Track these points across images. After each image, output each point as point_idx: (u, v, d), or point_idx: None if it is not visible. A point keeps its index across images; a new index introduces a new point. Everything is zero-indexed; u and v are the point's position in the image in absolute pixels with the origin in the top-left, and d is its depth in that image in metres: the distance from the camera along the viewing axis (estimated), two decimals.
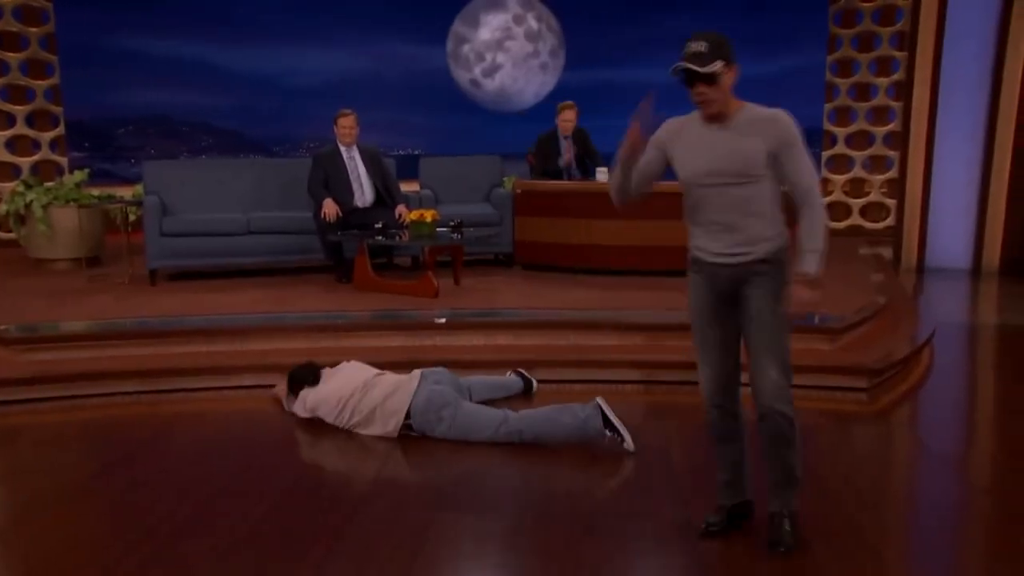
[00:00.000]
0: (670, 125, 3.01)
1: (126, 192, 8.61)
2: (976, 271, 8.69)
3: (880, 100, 10.73)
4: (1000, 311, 7.34)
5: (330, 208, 6.71)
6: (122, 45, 12.11)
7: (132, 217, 8.13)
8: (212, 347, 5.33)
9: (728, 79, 2.82)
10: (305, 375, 4.49)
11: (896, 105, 10.26)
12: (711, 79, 2.78)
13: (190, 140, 13.17)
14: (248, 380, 4.99)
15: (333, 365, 4.59)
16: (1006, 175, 8.54)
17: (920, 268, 8.88)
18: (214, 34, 12.48)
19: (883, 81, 10.64)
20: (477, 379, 4.71)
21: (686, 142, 2.95)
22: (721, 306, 3.02)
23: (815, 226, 2.89)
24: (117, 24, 11.97)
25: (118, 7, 11.90)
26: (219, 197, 7.40)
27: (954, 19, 8.49)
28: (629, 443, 3.96)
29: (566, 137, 7.74)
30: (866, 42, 10.72)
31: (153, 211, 6.97)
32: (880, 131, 10.76)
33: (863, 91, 10.84)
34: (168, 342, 5.36)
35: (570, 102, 7.78)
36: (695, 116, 2.96)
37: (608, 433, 3.97)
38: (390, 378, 4.34)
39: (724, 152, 2.87)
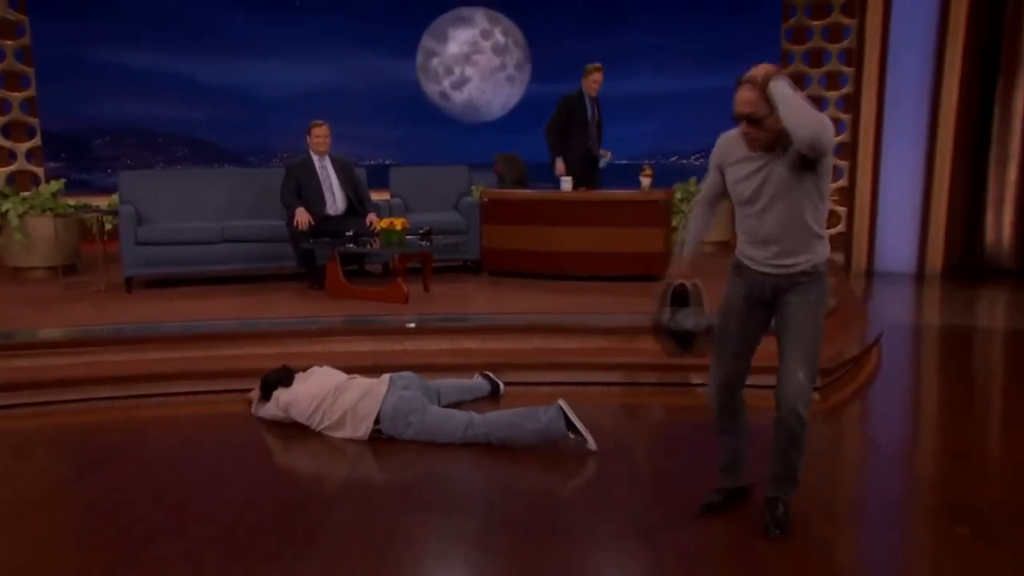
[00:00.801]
0: (723, 141, 3.12)
1: (102, 202, 8.46)
2: (920, 275, 8.82)
3: (830, 112, 10.83)
4: (942, 313, 7.45)
5: (302, 217, 6.65)
6: (99, 58, 11.94)
7: (108, 226, 8.00)
8: (187, 352, 5.25)
9: (774, 121, 2.87)
10: (280, 377, 4.43)
11: (845, 117, 10.38)
12: (755, 121, 2.90)
13: (166, 151, 13.00)
14: (222, 384, 4.92)
15: (305, 370, 4.54)
16: (946, 184, 8.69)
17: (869, 272, 8.99)
18: (189, 48, 12.35)
19: (833, 94, 10.76)
20: (446, 382, 4.69)
21: (735, 162, 3.06)
22: (753, 309, 3.14)
23: (807, 105, 2.83)
24: (93, 37, 11.80)
25: (94, 21, 11.74)
26: (194, 206, 7.31)
27: (896, 37, 8.65)
28: (591, 443, 3.95)
29: (592, 98, 7.65)
30: (816, 58, 10.85)
31: (128, 220, 6.86)
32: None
33: (814, 104, 10.94)
34: (144, 348, 5.27)
35: (598, 63, 7.59)
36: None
37: (571, 435, 3.96)
38: (361, 382, 4.31)
39: (765, 174, 2.96)
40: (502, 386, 4.87)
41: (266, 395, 4.45)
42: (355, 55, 13.16)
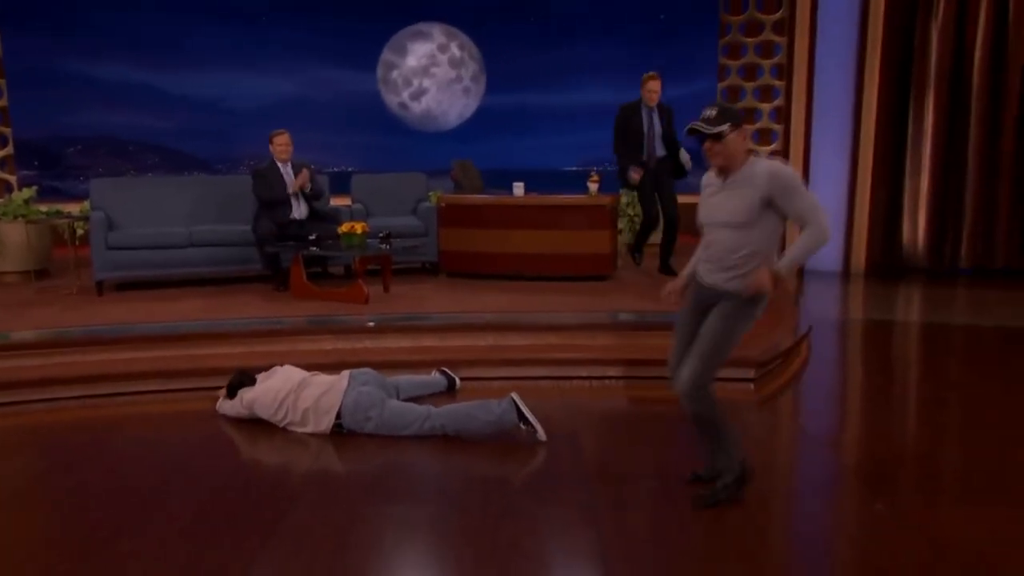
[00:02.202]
0: (708, 174, 3.26)
1: (74, 208, 8.25)
2: (846, 273, 8.99)
3: (764, 123, 10.99)
4: (866, 308, 7.59)
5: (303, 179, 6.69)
6: (71, 69, 11.67)
7: (80, 232, 7.81)
8: (156, 352, 5.15)
9: (735, 139, 3.05)
10: (243, 379, 4.37)
11: (777, 128, 10.54)
12: (717, 137, 3.04)
13: (136, 159, 12.73)
14: (190, 383, 4.84)
15: (267, 369, 4.47)
16: (868, 191, 8.88)
17: (801, 271, 9.13)
18: (159, 60, 12.13)
19: (765, 107, 10.90)
20: (405, 378, 4.66)
21: (707, 190, 3.22)
22: (696, 314, 3.25)
23: (806, 241, 3.03)
24: (65, 49, 11.55)
25: (66, 33, 11.48)
26: (163, 212, 7.18)
27: (822, 55, 8.86)
28: (541, 433, 3.96)
29: (650, 109, 6.89)
30: (750, 72, 10.98)
31: (99, 226, 6.71)
32: (764, 150, 11.02)
33: (749, 115, 11.10)
34: (114, 349, 5.15)
35: (654, 72, 6.88)
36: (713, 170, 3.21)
37: (523, 426, 3.97)
38: (322, 378, 4.26)
39: (723, 202, 3.11)
40: (458, 381, 4.85)
41: (231, 394, 4.38)
42: (319, 68, 13.04)
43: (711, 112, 3.06)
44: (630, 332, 5.44)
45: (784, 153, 9.32)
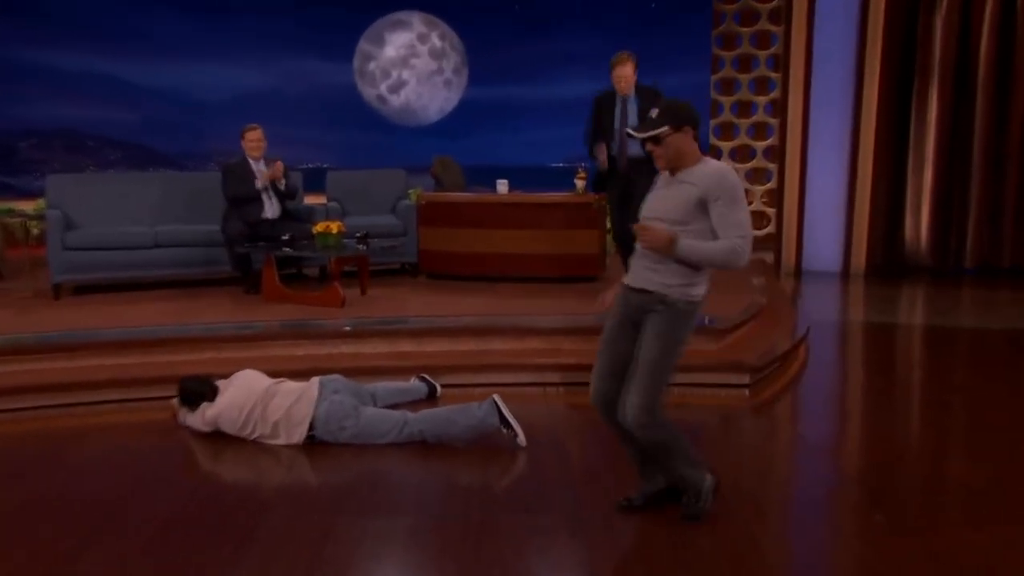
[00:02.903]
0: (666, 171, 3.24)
1: (28, 206, 8.20)
2: (845, 273, 9.05)
3: (759, 117, 11.06)
4: (866, 310, 7.66)
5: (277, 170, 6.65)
6: (25, 58, 11.56)
7: (35, 231, 7.75)
8: (118, 359, 5.11)
9: (676, 140, 3.05)
10: (201, 389, 4.29)
11: (774, 121, 10.60)
12: (655, 140, 3.05)
13: (97, 154, 12.65)
14: (155, 392, 4.78)
15: (227, 376, 4.42)
16: (868, 187, 8.93)
17: (798, 271, 9.19)
18: (121, 49, 12.04)
19: (762, 99, 10.97)
20: (382, 385, 4.66)
21: (655, 186, 3.22)
22: (624, 328, 3.19)
23: (717, 249, 2.98)
24: (19, 37, 11.43)
25: (19, 20, 11.37)
26: (125, 210, 7.12)
27: (820, 45, 8.88)
28: (522, 438, 4.00)
29: (624, 98, 6.18)
30: (745, 63, 11.04)
31: (56, 225, 6.66)
32: (760, 145, 11.09)
33: (744, 108, 11.16)
34: (72, 356, 5.10)
35: (625, 53, 6.18)
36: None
37: (504, 429, 4.00)
38: (289, 386, 4.24)
39: (663, 198, 3.10)
40: (439, 388, 4.85)
41: (188, 402, 4.30)
42: (292, 58, 13.01)
43: (654, 112, 3.08)
44: None
45: (780, 148, 9.38)
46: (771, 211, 10.65)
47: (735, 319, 5.64)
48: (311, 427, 4.07)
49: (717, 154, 11.20)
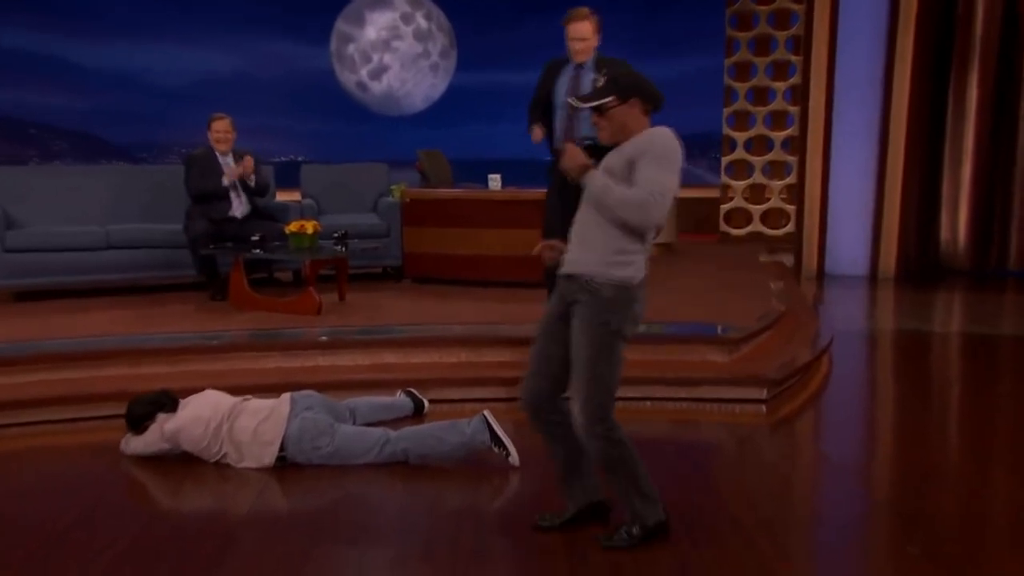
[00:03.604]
0: None
1: None
2: (873, 277, 9.08)
3: (778, 104, 11.13)
4: (896, 317, 7.68)
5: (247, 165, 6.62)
6: None
7: None
8: (66, 374, 5.07)
9: (621, 113, 3.05)
10: (159, 400, 4.23)
11: (794, 109, 10.66)
12: (599, 110, 3.07)
13: (41, 144, 12.63)
14: (108, 409, 4.72)
15: (197, 391, 4.40)
16: (899, 182, 8.96)
17: (820, 275, 9.21)
18: (69, 27, 12.01)
19: (780, 85, 11.04)
20: (363, 400, 4.65)
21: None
22: (557, 318, 3.15)
23: (625, 194, 2.94)
24: None
25: None
26: (74, 208, 7.11)
27: (846, 24, 8.89)
28: (515, 457, 3.99)
29: (577, 67, 5.37)
30: (763, 45, 11.11)
31: None
32: (778, 136, 11.16)
33: (761, 95, 11.22)
34: (13, 370, 5.05)
35: (584, 8, 5.39)
36: None
37: (495, 448, 3.99)
38: (257, 404, 4.21)
39: (603, 171, 3.07)
40: (426, 404, 4.85)
41: (135, 426, 4.21)
42: (261, 39, 13.03)
43: (600, 80, 3.09)
44: None
45: (801, 139, 9.42)
46: (791, 208, 10.70)
47: (750, 327, 5.66)
48: (282, 447, 4.05)
49: (731, 146, 11.26)
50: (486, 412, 4.08)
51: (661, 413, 4.90)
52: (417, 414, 4.78)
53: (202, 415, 4.12)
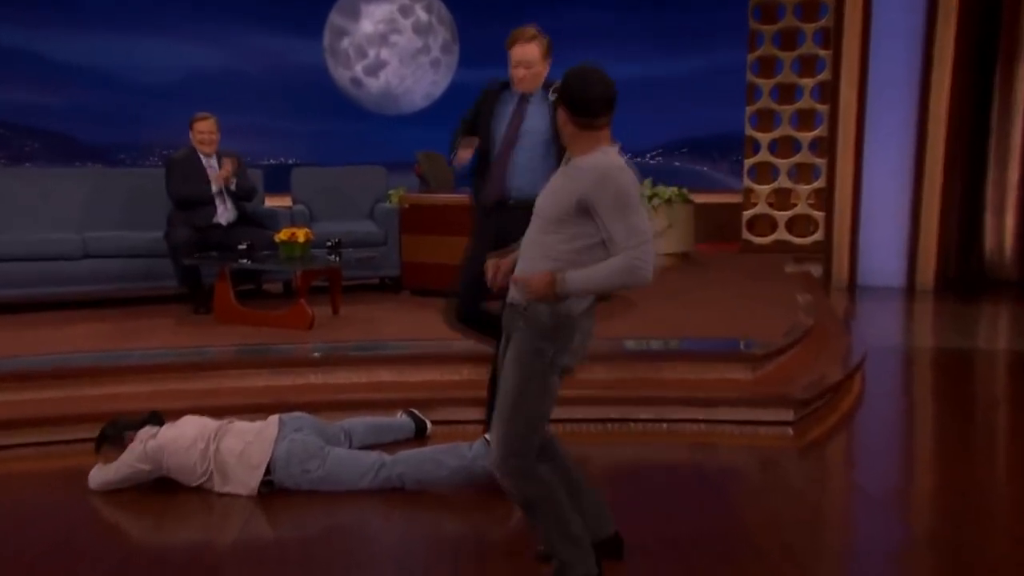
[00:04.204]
0: None
1: None
2: (910, 289, 9.06)
3: (805, 103, 11.14)
4: (936, 333, 7.66)
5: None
6: None
7: None
8: (36, 394, 5.08)
9: (560, 115, 2.99)
10: (140, 419, 4.25)
11: (822, 108, 10.67)
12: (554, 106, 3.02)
13: (9, 145, 12.69)
14: (81, 432, 4.72)
15: (180, 413, 4.41)
16: (938, 185, 8.93)
17: (852, 286, 9.20)
18: (40, 17, 12.04)
19: (808, 82, 11.05)
20: (359, 421, 4.65)
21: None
22: (506, 345, 3.11)
23: (613, 269, 2.87)
24: None
25: None
26: (46, 213, 7.16)
27: (880, 15, 8.88)
28: None
29: (526, 96, 4.54)
30: (789, 39, 11.13)
31: None
32: (806, 137, 11.17)
33: (787, 93, 11.24)
34: None
35: (532, 28, 4.62)
36: None
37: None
38: (243, 425, 4.23)
39: (551, 191, 3.04)
40: (429, 425, 4.85)
41: (114, 439, 4.18)
42: (249, 32, 13.08)
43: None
44: (636, 364, 5.48)
45: (831, 139, 9.42)
46: (819, 215, 10.69)
47: (775, 343, 5.66)
48: (269, 471, 4.06)
49: (754, 148, 11.27)
50: (487, 435, 4.07)
51: (678, 436, 4.90)
52: (419, 436, 4.79)
53: (187, 434, 4.14)
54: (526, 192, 4.15)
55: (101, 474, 4.15)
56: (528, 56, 4.52)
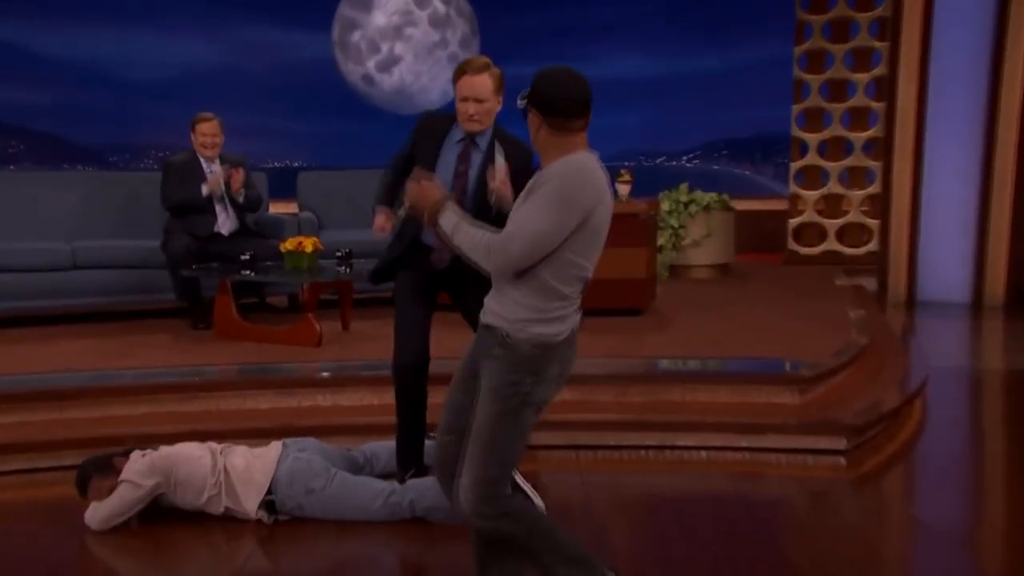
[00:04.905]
0: None
1: None
2: (977, 305, 8.99)
3: (858, 100, 11.10)
4: (1007, 354, 7.60)
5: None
6: None
7: None
8: (21, 417, 5.11)
9: (531, 120, 3.00)
10: (126, 449, 4.26)
11: (878, 106, 10.63)
12: (523, 111, 3.03)
13: None
14: (70, 459, 4.75)
15: (177, 437, 4.44)
16: (1009, 189, 8.85)
17: (911, 302, 9.14)
18: (27, 10, 12.14)
19: (862, 77, 11.02)
20: (382, 445, 4.63)
21: None
22: (467, 371, 3.11)
23: (478, 236, 2.95)
24: None
25: None
26: (33, 220, 7.23)
27: (944, 2, 8.81)
28: (539, 505, 3.95)
29: (472, 138, 4.32)
30: (840, 30, 11.10)
31: None
32: (859, 138, 11.13)
33: (838, 89, 11.20)
34: None
35: (482, 58, 4.35)
36: None
37: None
38: (241, 448, 4.27)
39: (514, 211, 3.03)
40: None
41: (110, 467, 4.15)
42: (252, 25, 13.16)
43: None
44: (673, 386, 5.44)
45: (887, 141, 9.38)
46: (873, 223, 10.64)
47: (825, 364, 5.63)
48: (271, 491, 4.09)
49: (802, 150, 11.23)
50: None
51: (719, 465, 4.88)
52: None
53: (192, 451, 4.18)
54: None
55: (102, 509, 4.10)
56: (479, 89, 4.26)
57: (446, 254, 4.20)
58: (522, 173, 3.91)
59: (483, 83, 4.24)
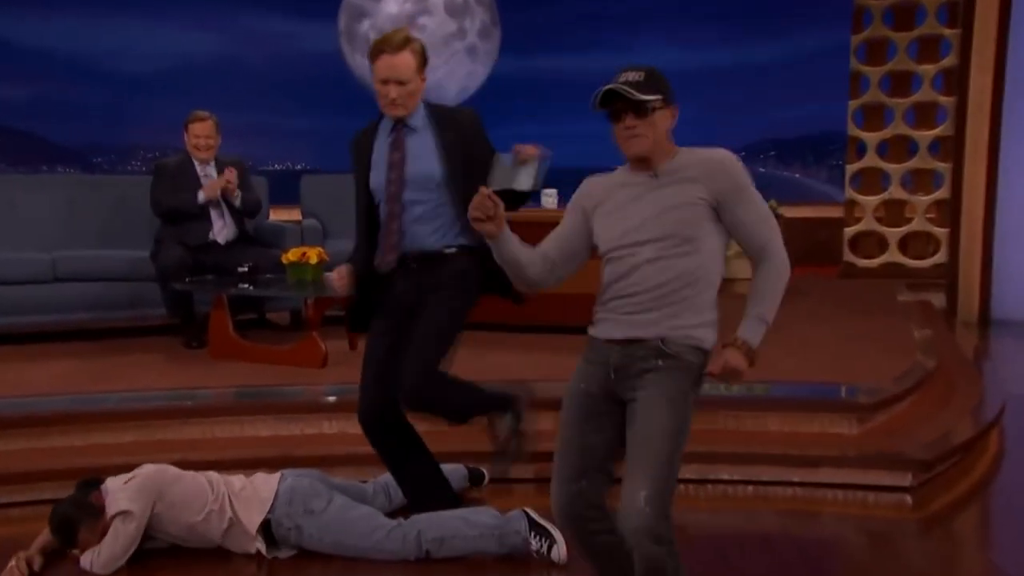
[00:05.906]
0: (591, 181, 3.31)
1: None
2: None
3: (924, 94, 11.06)
4: None
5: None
6: None
7: None
8: None
9: (664, 119, 3.11)
10: (90, 480, 4.25)
11: (946, 101, 10.59)
12: (642, 109, 3.06)
13: None
14: (49, 492, 4.80)
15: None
16: None
17: (984, 320, 9.10)
18: None
19: (928, 69, 10.97)
20: None
21: (609, 202, 3.19)
22: (596, 414, 3.16)
23: (771, 284, 3.04)
24: None
25: None
26: (10, 229, 7.28)
27: None
28: (560, 552, 3.99)
29: (402, 124, 4.27)
30: (904, 17, 11.06)
31: None
32: (925, 137, 11.09)
33: (902, 83, 11.17)
34: None
35: (400, 33, 4.20)
36: (620, 171, 3.23)
37: (534, 540, 4.02)
38: (238, 477, 4.32)
39: (649, 207, 3.08)
40: (487, 474, 4.88)
41: (70, 539, 4.11)
42: (250, 13, 13.23)
43: (636, 75, 3.13)
44: (717, 413, 5.40)
45: (957, 141, 9.36)
46: (940, 232, 10.60)
47: (887, 390, 5.62)
48: (271, 510, 4.14)
49: (859, 150, 11.19)
50: (526, 509, 4.13)
51: (768, 501, 4.88)
52: (475, 484, 4.85)
53: (184, 472, 4.24)
54: (431, 245, 4.24)
55: (104, 552, 4.05)
56: (400, 69, 4.14)
57: (390, 255, 4.28)
58: (479, 137, 4.21)
59: (404, 62, 4.15)
